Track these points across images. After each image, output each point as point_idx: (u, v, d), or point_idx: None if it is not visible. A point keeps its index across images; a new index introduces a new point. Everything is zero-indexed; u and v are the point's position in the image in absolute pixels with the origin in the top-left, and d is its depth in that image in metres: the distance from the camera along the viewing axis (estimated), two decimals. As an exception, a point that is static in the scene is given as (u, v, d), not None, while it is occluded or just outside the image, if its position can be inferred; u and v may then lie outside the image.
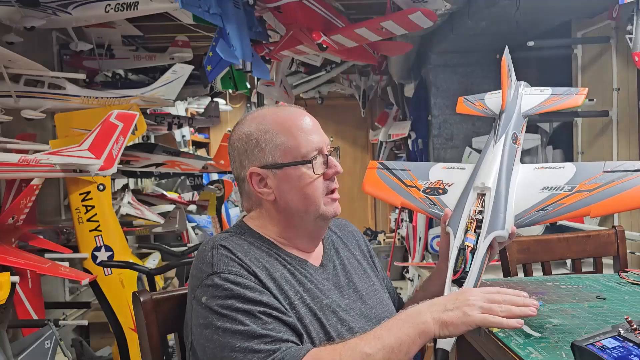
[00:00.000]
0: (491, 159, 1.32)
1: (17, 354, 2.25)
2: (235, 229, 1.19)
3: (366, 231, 6.26)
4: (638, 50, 2.27)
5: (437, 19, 2.72)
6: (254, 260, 1.08)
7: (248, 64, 2.60)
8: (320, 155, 1.14)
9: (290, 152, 1.13)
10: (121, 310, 2.89)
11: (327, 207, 1.15)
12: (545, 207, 1.22)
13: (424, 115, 4.22)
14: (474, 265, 1.13)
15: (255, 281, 1.04)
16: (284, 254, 1.15)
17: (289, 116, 1.17)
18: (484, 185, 1.24)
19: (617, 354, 0.84)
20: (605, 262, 1.93)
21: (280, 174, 1.13)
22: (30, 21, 2.58)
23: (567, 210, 1.19)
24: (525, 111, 1.49)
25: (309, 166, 1.13)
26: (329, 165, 1.15)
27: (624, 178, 1.21)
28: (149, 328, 1.20)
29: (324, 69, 5.20)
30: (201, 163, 4.03)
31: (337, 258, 1.24)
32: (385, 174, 1.50)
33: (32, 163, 2.41)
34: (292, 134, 1.14)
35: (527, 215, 1.22)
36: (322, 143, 1.16)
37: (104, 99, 3.10)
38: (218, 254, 1.07)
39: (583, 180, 1.24)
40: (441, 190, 1.38)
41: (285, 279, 1.09)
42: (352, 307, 1.15)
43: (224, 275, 1.03)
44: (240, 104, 7.18)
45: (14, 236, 2.61)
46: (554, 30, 3.29)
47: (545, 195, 1.24)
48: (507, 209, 1.21)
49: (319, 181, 1.14)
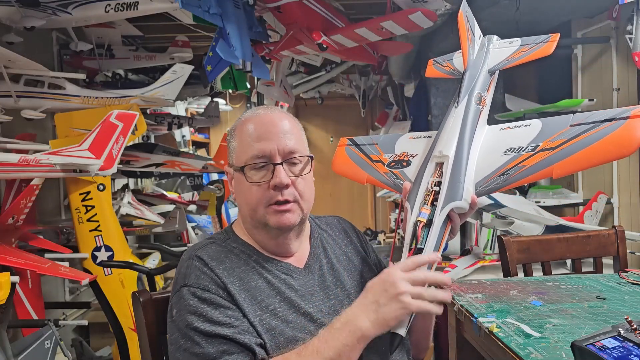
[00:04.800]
0: (452, 125, 1.23)
1: (17, 354, 2.25)
2: (220, 234, 1.21)
3: (366, 231, 6.26)
4: (638, 50, 2.27)
5: (437, 19, 2.72)
6: (228, 270, 1.09)
7: (248, 64, 2.60)
8: (256, 164, 1.11)
9: (239, 157, 1.15)
10: (121, 310, 2.89)
11: (270, 217, 1.12)
12: (506, 171, 1.13)
13: (424, 115, 4.22)
14: (429, 242, 1.08)
15: (222, 295, 1.05)
16: (264, 260, 1.15)
17: (250, 120, 1.16)
18: (442, 154, 1.17)
19: (617, 354, 0.83)
20: (605, 262, 1.93)
21: (236, 176, 1.16)
22: (30, 21, 2.57)
23: (528, 173, 1.10)
24: (492, 67, 1.37)
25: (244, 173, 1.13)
26: (274, 175, 1.10)
27: (590, 131, 1.08)
28: (149, 328, 1.20)
29: (324, 69, 5.21)
30: (201, 163, 4.02)
31: (324, 257, 1.23)
32: (353, 150, 1.42)
33: (32, 163, 2.41)
34: (241, 139, 1.15)
35: (488, 181, 1.14)
36: (269, 151, 1.11)
37: (104, 99, 3.10)
38: (192, 266, 1.09)
39: (547, 138, 1.13)
40: (405, 162, 1.30)
41: (260, 289, 1.09)
42: (337, 308, 1.13)
43: (192, 290, 1.05)
44: (240, 104, 7.18)
45: (14, 236, 2.61)
46: (554, 30, 3.28)
47: (508, 158, 1.15)
48: (467, 178, 1.13)
49: (255, 189, 1.11)
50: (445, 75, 1.50)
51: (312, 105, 6.67)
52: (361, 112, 6.13)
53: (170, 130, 4.71)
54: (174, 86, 3.26)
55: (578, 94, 3.21)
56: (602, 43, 2.92)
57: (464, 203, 1.12)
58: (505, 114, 3.51)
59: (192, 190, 5.39)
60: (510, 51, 1.41)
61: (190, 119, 5.05)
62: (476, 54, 1.40)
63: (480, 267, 2.88)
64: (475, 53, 1.40)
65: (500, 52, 1.42)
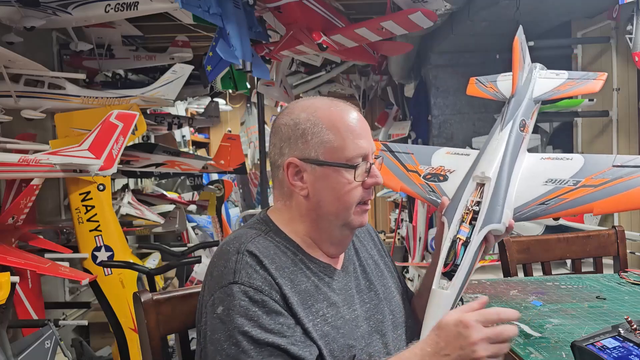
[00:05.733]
0: (495, 147, 1.25)
1: (17, 354, 2.24)
2: (260, 224, 1.12)
3: (366, 231, 6.25)
4: (638, 50, 2.27)
5: (437, 19, 2.72)
6: (280, 269, 1.02)
7: (248, 64, 2.60)
8: (364, 163, 1.09)
9: (335, 152, 1.07)
10: (121, 310, 2.89)
11: (355, 217, 1.10)
12: (546, 201, 1.16)
13: (424, 115, 4.22)
14: (465, 259, 1.09)
15: (276, 297, 0.99)
16: (309, 260, 1.09)
17: (341, 114, 1.10)
18: (484, 175, 1.19)
19: (617, 354, 0.83)
20: (605, 262, 1.93)
21: (319, 171, 1.07)
22: (30, 21, 2.57)
23: (569, 206, 1.13)
24: (537, 96, 1.39)
25: (351, 171, 1.07)
26: (371, 174, 1.09)
27: (634, 174, 1.12)
28: (149, 328, 1.20)
29: (324, 69, 5.20)
30: (201, 163, 4.03)
31: (357, 259, 1.21)
32: (387, 156, 1.43)
33: (32, 163, 2.41)
34: (340, 134, 1.08)
35: (527, 208, 1.17)
36: (368, 150, 1.10)
37: (104, 99, 3.10)
38: (243, 262, 1.01)
39: (590, 175, 1.17)
40: (442, 177, 1.32)
41: (309, 293, 1.04)
42: (372, 313, 1.13)
43: (244, 289, 0.97)
44: (240, 104, 7.18)
45: (14, 236, 2.61)
46: (554, 30, 3.29)
47: (548, 189, 1.18)
48: (506, 202, 1.15)
49: (357, 189, 1.08)
50: (487, 96, 1.53)
51: (312, 105, 6.66)
52: (361, 112, 6.13)
53: (170, 130, 4.72)
54: (174, 86, 3.25)
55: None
56: (602, 43, 2.92)
57: (502, 226, 1.13)
58: (505, 114, 3.52)
59: (192, 190, 5.40)
60: (556, 83, 1.45)
61: (190, 119, 5.05)
62: (524, 80, 1.42)
63: (480, 267, 2.88)
64: (523, 79, 1.42)
65: (546, 82, 1.45)
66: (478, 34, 3.32)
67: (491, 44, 3.51)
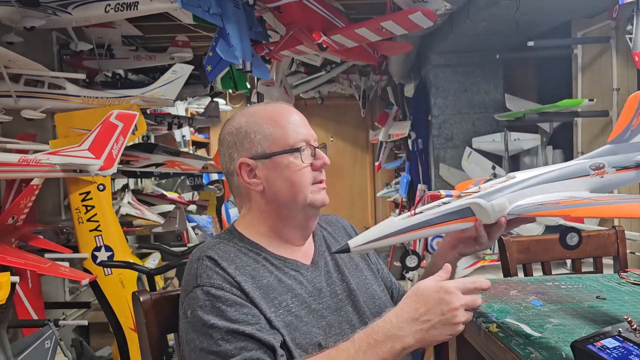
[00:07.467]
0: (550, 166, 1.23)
1: (17, 354, 2.24)
2: (225, 234, 1.21)
3: (366, 231, 6.25)
4: (638, 50, 2.27)
5: (437, 19, 2.72)
6: (240, 268, 1.09)
7: (248, 64, 2.59)
8: (308, 147, 1.18)
9: (279, 142, 1.16)
10: (121, 310, 2.89)
11: (314, 196, 1.17)
12: (543, 203, 1.14)
13: (424, 115, 4.22)
14: (431, 211, 1.11)
15: (237, 293, 1.05)
16: (272, 257, 1.16)
17: (277, 110, 1.21)
18: (514, 175, 1.19)
19: (617, 354, 0.83)
20: (605, 262, 1.93)
21: (269, 163, 1.16)
22: (30, 21, 2.57)
23: (556, 207, 1.11)
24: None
25: (297, 155, 1.16)
26: (317, 157, 1.19)
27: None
28: (149, 328, 1.20)
29: (324, 69, 5.20)
30: (201, 163, 4.02)
31: (328, 254, 1.26)
32: None
33: (32, 163, 2.41)
34: (280, 125, 1.17)
35: (525, 207, 1.15)
36: (309, 136, 1.20)
37: (104, 99, 3.10)
38: (203, 266, 1.09)
39: None
40: None
41: (272, 287, 1.10)
42: (344, 304, 1.17)
43: (206, 289, 1.05)
44: (240, 104, 7.18)
45: (14, 236, 2.61)
46: (554, 30, 3.29)
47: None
48: (512, 197, 1.13)
49: (306, 170, 1.17)
50: None
51: (312, 105, 6.67)
52: (361, 112, 6.13)
53: (170, 130, 4.71)
54: (174, 86, 3.25)
55: (578, 94, 3.20)
56: (602, 43, 2.92)
57: (487, 205, 1.11)
58: (505, 114, 3.52)
59: (192, 190, 5.39)
60: None
61: (190, 119, 5.05)
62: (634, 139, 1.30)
63: (480, 267, 2.88)
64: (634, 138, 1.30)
65: None
66: (478, 34, 3.32)
67: (491, 44, 3.52)
